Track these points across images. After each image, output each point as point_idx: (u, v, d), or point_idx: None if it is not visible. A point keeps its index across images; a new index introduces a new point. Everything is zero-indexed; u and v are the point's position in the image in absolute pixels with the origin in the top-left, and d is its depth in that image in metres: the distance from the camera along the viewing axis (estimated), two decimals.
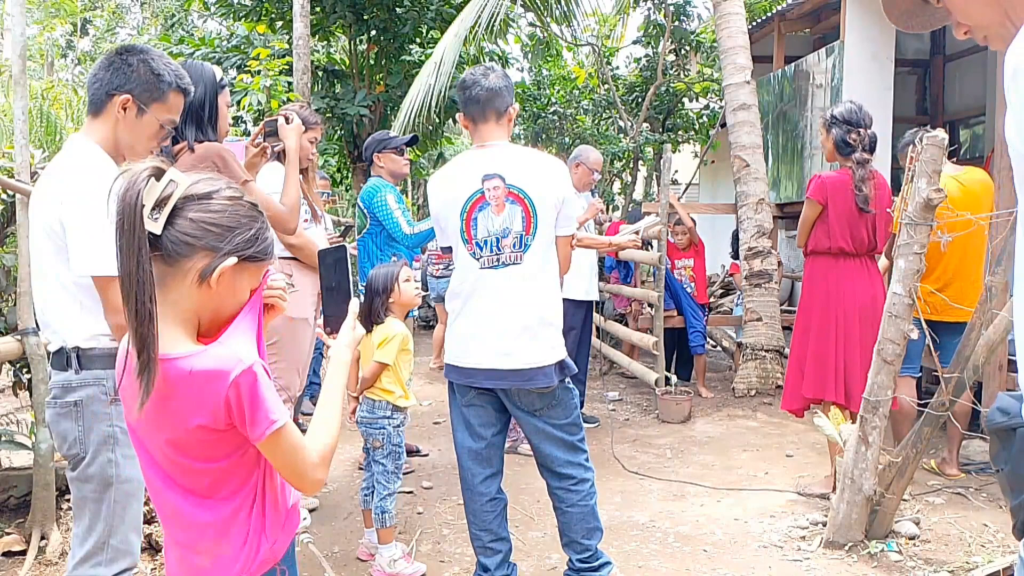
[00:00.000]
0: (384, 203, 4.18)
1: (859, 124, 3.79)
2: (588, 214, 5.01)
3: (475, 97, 2.72)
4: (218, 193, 1.29)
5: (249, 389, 1.25)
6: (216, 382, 1.24)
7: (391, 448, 3.19)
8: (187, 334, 1.30)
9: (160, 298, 1.28)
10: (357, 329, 1.56)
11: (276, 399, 1.28)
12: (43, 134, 7.53)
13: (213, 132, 2.67)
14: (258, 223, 1.34)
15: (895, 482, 3.31)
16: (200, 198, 1.27)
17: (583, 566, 2.82)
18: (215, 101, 2.68)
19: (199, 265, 1.27)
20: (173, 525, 1.36)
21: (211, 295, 1.29)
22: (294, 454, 1.31)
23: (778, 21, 7.96)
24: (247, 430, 1.27)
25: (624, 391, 6.73)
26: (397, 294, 3.24)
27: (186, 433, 1.27)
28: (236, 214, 1.30)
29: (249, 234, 1.31)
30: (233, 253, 1.28)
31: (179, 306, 1.29)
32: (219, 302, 1.31)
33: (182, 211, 1.25)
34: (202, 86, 2.63)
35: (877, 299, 3.79)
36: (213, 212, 1.27)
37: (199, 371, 1.24)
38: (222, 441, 1.29)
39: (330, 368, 1.49)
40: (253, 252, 1.32)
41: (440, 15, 9.45)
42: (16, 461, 3.75)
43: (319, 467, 1.35)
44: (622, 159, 10.77)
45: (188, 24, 13.65)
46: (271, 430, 1.26)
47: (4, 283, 3.40)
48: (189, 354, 1.26)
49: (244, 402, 1.25)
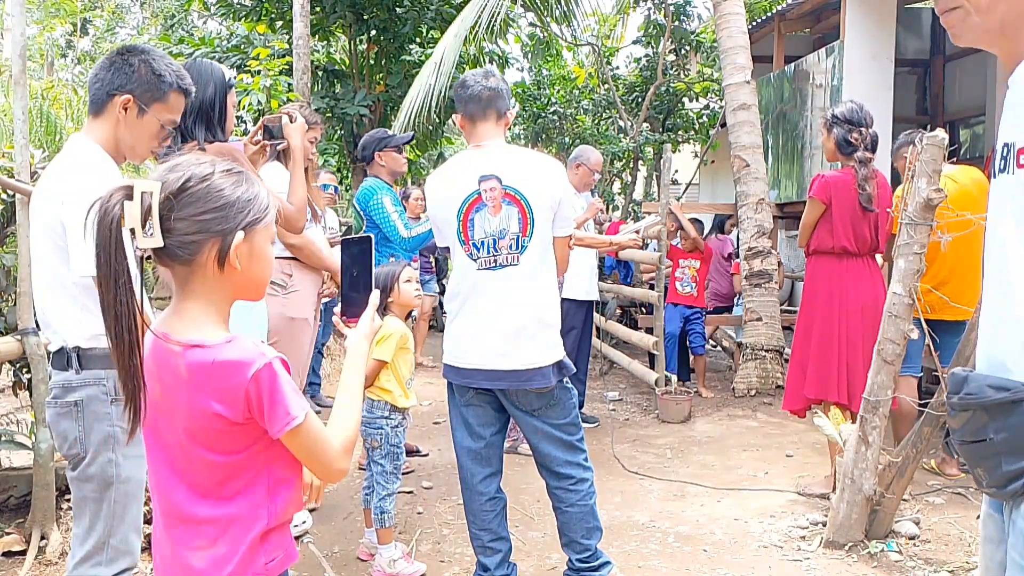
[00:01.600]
0: (381, 205, 4.16)
1: (860, 123, 3.79)
2: (588, 214, 5.01)
3: (477, 95, 2.72)
4: (192, 179, 1.27)
5: (269, 384, 1.26)
6: (237, 374, 1.25)
7: (389, 448, 3.19)
8: (215, 322, 1.31)
9: (185, 295, 1.31)
10: (376, 320, 1.56)
11: (295, 395, 1.29)
12: (43, 134, 7.52)
13: (222, 132, 2.65)
14: (243, 187, 1.31)
15: (895, 482, 3.31)
16: (179, 193, 1.25)
17: (583, 566, 2.82)
18: (225, 100, 2.66)
19: (214, 253, 1.28)
20: (171, 520, 1.36)
21: (237, 273, 1.30)
22: (317, 446, 1.33)
23: (778, 21, 7.96)
24: (266, 424, 1.28)
25: (624, 391, 6.73)
26: (397, 294, 3.22)
27: (205, 420, 1.27)
28: (221, 192, 1.28)
29: (242, 202, 1.30)
30: (237, 228, 1.29)
31: (206, 298, 1.31)
32: (249, 274, 1.33)
33: (172, 214, 1.24)
34: (212, 85, 2.61)
35: (879, 299, 3.79)
36: (200, 201, 1.26)
37: (221, 361, 1.26)
38: (238, 434, 1.30)
39: (348, 358, 1.50)
40: (253, 217, 1.31)
41: (440, 15, 9.45)
42: (16, 461, 3.75)
43: (342, 456, 1.36)
44: (622, 159, 10.78)
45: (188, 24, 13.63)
46: (291, 426, 1.27)
47: (4, 283, 3.41)
48: (214, 344, 1.27)
49: (264, 397, 1.26)
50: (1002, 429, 1.11)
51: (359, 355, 1.50)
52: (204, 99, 2.57)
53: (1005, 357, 1.12)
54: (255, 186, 1.34)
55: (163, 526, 1.38)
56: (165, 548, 1.37)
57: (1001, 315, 1.14)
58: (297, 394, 1.30)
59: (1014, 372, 1.10)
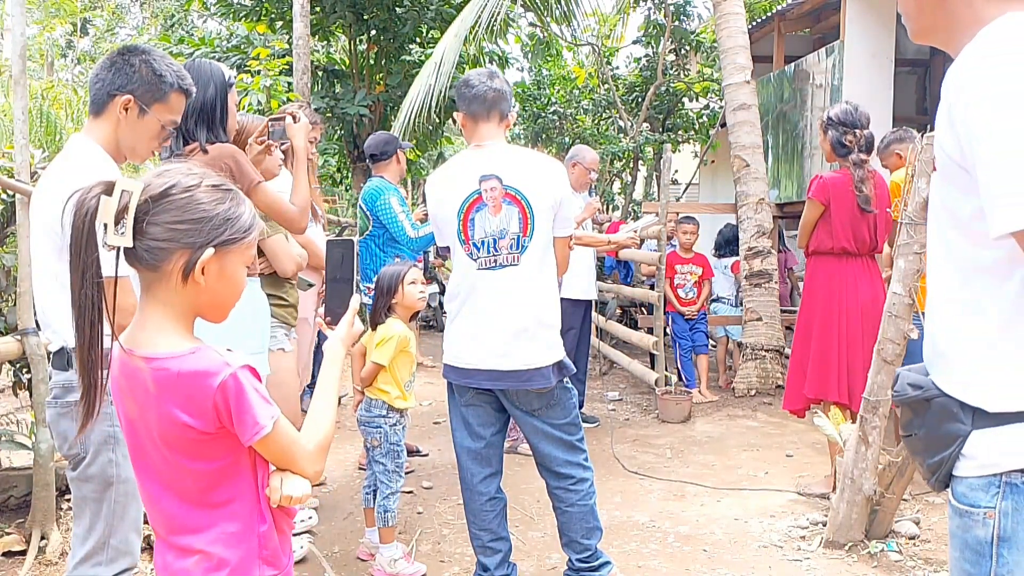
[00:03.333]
0: (388, 206, 4.16)
1: (855, 125, 3.79)
2: (586, 214, 5.01)
3: (482, 96, 2.72)
4: (176, 187, 1.26)
5: (235, 394, 1.25)
6: (203, 385, 1.24)
7: (389, 447, 3.18)
8: (179, 332, 1.29)
9: (149, 300, 1.29)
10: (355, 325, 1.56)
11: (263, 403, 1.28)
12: (43, 134, 7.52)
13: (224, 132, 2.63)
14: (225, 205, 1.30)
15: (895, 482, 3.31)
16: (160, 198, 1.24)
17: (583, 566, 2.82)
18: (226, 100, 2.64)
19: (180, 264, 1.26)
20: (166, 530, 1.35)
21: (202, 289, 1.28)
22: (288, 451, 1.33)
23: (778, 21, 7.96)
24: (237, 433, 1.28)
25: (624, 391, 6.73)
26: (401, 295, 3.21)
27: (177, 431, 1.27)
28: (200, 205, 1.27)
29: (219, 220, 1.28)
30: (209, 244, 1.27)
31: (170, 306, 1.29)
32: (214, 293, 1.31)
33: (148, 217, 1.23)
34: (213, 86, 2.58)
35: (878, 299, 3.80)
36: (178, 210, 1.25)
37: (186, 372, 1.25)
38: (214, 443, 1.29)
39: (324, 362, 1.50)
40: (228, 236, 1.29)
41: (440, 15, 9.44)
42: (16, 461, 3.75)
43: (315, 459, 1.36)
44: (622, 159, 10.77)
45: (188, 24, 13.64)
46: (259, 436, 1.27)
47: (4, 283, 3.41)
48: (177, 355, 1.26)
49: (231, 406, 1.25)
50: (922, 425, 1.22)
51: (334, 358, 1.50)
52: (205, 100, 2.55)
53: (929, 356, 1.24)
54: (240, 207, 1.32)
55: (160, 536, 1.38)
56: (165, 557, 1.37)
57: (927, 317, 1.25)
58: (265, 402, 1.29)
59: (932, 371, 1.21)
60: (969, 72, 1.08)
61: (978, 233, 1.09)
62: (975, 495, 1.15)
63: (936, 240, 1.22)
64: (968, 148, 1.06)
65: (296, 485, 1.35)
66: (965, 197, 1.11)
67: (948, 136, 1.11)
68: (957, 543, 1.19)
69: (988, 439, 1.13)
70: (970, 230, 1.12)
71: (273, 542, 1.37)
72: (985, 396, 1.12)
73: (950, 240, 1.17)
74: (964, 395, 1.14)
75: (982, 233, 1.06)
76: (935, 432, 1.18)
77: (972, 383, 1.14)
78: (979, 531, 1.14)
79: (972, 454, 1.14)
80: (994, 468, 1.12)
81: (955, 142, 1.10)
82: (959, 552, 1.19)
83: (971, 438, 1.14)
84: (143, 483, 1.36)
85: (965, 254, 1.15)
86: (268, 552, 1.36)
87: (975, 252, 1.13)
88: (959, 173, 1.11)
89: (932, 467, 1.20)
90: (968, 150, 1.06)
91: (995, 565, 1.13)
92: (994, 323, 1.12)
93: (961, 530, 1.18)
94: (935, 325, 1.22)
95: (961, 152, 1.08)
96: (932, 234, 1.24)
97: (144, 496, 1.37)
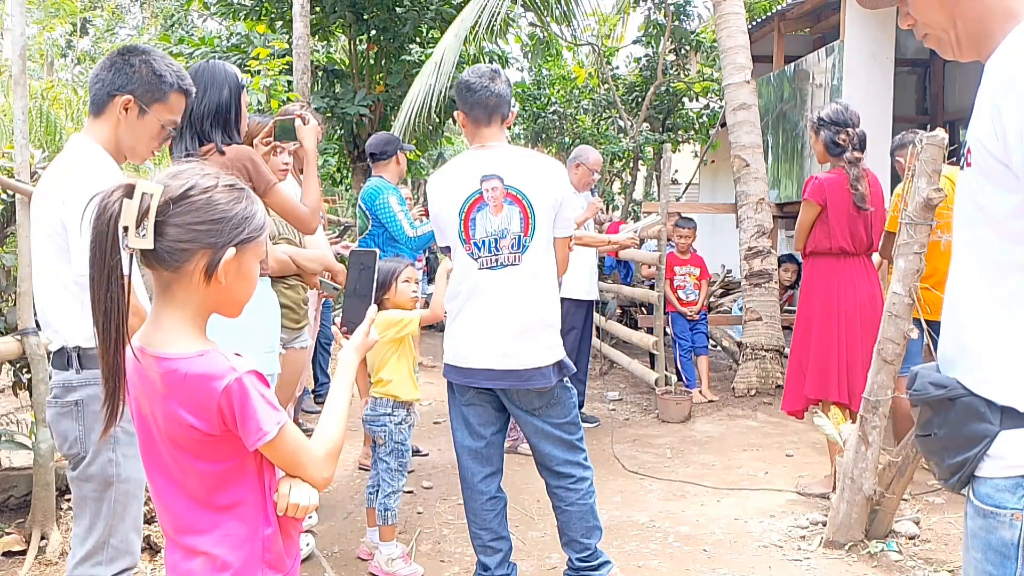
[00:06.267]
0: (387, 205, 4.17)
1: (846, 124, 3.79)
2: (587, 213, 5.01)
3: (484, 101, 2.72)
4: (195, 188, 1.27)
5: (240, 399, 1.26)
6: (208, 389, 1.25)
7: (393, 446, 3.18)
8: (193, 334, 1.31)
9: (166, 301, 1.30)
10: (371, 335, 1.57)
11: (268, 408, 1.28)
12: (43, 134, 7.51)
13: (238, 134, 2.62)
14: (242, 204, 1.31)
15: (895, 482, 3.31)
16: (180, 200, 1.25)
17: (583, 565, 2.82)
18: (240, 102, 2.62)
19: (202, 264, 1.27)
20: (175, 530, 1.36)
21: (222, 288, 1.30)
22: (295, 456, 1.33)
23: (778, 21, 7.96)
24: (242, 438, 1.28)
25: (624, 391, 6.73)
26: (393, 292, 3.19)
27: (182, 431, 1.27)
28: (219, 206, 1.28)
29: (238, 219, 1.30)
30: (230, 243, 1.28)
31: (187, 306, 1.30)
32: (232, 290, 1.32)
33: (168, 218, 1.24)
34: (227, 87, 2.56)
35: (876, 298, 3.80)
36: (198, 211, 1.26)
37: (193, 375, 1.26)
38: (219, 445, 1.29)
39: (337, 369, 1.51)
40: (247, 235, 1.31)
41: (440, 15, 9.45)
42: (16, 461, 3.75)
43: (324, 465, 1.36)
44: (622, 159, 10.78)
45: (188, 24, 13.64)
46: (263, 441, 1.27)
47: (4, 283, 3.41)
48: (186, 356, 1.27)
49: (236, 411, 1.26)
50: (943, 424, 1.19)
51: (348, 366, 1.51)
52: (220, 101, 2.52)
53: (952, 355, 1.20)
54: (254, 204, 1.34)
55: (169, 536, 1.38)
56: (174, 556, 1.38)
57: (948, 316, 1.22)
58: (270, 407, 1.29)
59: (955, 370, 1.18)
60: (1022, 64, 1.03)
61: (1015, 231, 1.07)
62: (1001, 496, 1.12)
63: (964, 238, 1.18)
64: (1017, 143, 1.03)
65: (303, 493, 1.35)
66: (1002, 193, 1.08)
67: (988, 129, 1.08)
68: (979, 544, 1.16)
69: (1018, 439, 1.10)
70: (1005, 228, 1.09)
71: (277, 546, 1.37)
72: (1019, 395, 1.09)
73: (981, 238, 1.14)
74: (995, 394, 1.11)
75: (1019, 231, 1.04)
76: (958, 432, 1.15)
77: (1006, 381, 1.11)
78: (1005, 533, 1.11)
79: (999, 454, 1.12)
80: (1022, 469, 1.10)
81: (998, 136, 1.06)
82: (981, 554, 1.15)
83: (999, 438, 1.11)
84: (153, 479, 1.36)
85: (999, 252, 1.11)
86: (272, 556, 1.36)
87: (1010, 249, 1.10)
88: (997, 168, 1.07)
89: (953, 467, 1.17)
90: (1016, 144, 1.03)
91: (1020, 567, 1.10)
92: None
93: (984, 531, 1.14)
94: (959, 324, 1.18)
95: (1005, 146, 1.05)
96: (960, 232, 1.20)
97: (153, 492, 1.37)
